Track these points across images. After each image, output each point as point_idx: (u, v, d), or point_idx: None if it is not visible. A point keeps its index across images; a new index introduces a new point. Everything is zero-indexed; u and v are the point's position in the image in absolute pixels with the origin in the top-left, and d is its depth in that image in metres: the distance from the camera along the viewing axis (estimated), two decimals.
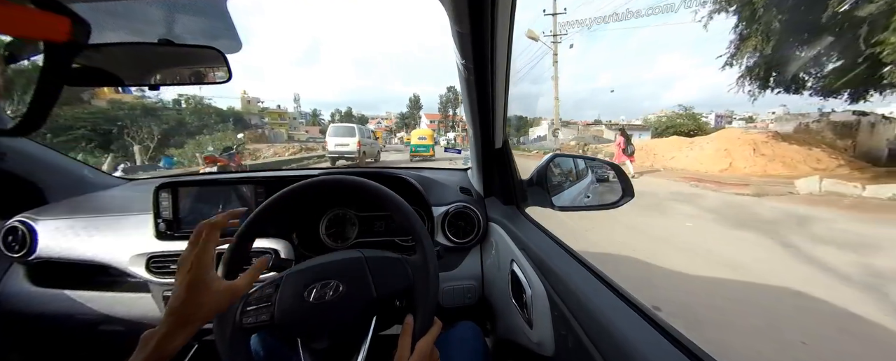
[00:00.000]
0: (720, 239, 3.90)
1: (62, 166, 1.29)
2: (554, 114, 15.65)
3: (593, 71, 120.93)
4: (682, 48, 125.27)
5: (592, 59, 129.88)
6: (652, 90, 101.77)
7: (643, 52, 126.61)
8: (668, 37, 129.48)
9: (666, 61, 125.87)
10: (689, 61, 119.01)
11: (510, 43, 0.71)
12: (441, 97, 56.72)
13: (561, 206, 1.02)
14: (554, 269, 0.70)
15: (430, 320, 0.58)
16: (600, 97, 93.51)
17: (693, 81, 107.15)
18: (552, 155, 1.10)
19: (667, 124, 21.88)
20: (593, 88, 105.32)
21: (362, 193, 0.67)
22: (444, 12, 0.61)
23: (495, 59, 0.71)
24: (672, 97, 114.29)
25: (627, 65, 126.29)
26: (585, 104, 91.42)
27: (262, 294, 0.61)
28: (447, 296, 1.09)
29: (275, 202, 0.65)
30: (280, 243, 1.04)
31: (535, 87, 33.65)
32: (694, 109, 22.90)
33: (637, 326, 0.51)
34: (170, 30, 0.82)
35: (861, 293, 2.59)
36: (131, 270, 1.03)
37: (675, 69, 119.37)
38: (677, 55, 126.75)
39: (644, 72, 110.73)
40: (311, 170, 1.29)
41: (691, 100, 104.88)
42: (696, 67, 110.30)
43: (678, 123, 21.05)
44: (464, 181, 1.28)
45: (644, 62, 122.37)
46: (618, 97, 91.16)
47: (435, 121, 57.69)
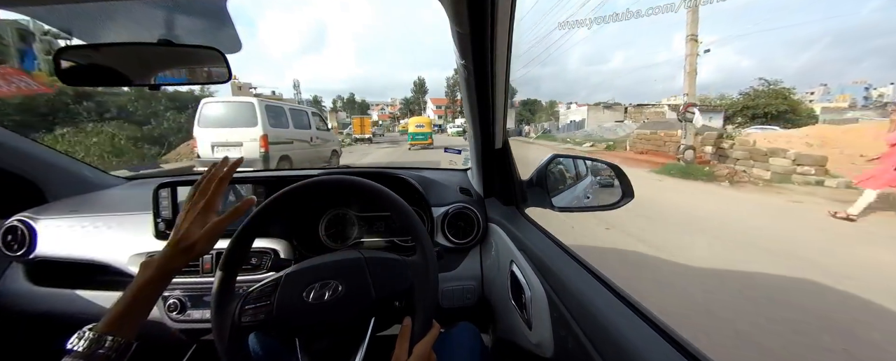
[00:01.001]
0: None
1: (62, 166, 1.29)
2: (687, 86, 9.43)
3: (606, 51, 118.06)
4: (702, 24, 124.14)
5: (604, 38, 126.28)
6: (668, 71, 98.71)
7: (657, 32, 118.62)
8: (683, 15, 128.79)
9: (681, 41, 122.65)
10: (707, 39, 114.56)
11: (510, 43, 0.71)
12: (448, 80, 51.13)
13: (561, 207, 1.02)
14: (553, 270, 0.70)
15: (428, 322, 0.58)
16: (615, 80, 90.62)
17: (710, 61, 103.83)
18: (552, 155, 1.10)
19: (745, 103, 17.74)
20: (608, 69, 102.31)
21: (362, 193, 0.67)
22: (445, 12, 0.61)
23: (495, 59, 0.71)
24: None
25: (641, 45, 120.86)
26: (599, 88, 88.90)
27: (262, 292, 0.61)
28: (446, 297, 1.08)
29: (274, 202, 0.65)
30: (280, 243, 1.04)
31: (546, 69, 32.12)
32: (779, 85, 17.67)
33: (636, 327, 0.50)
34: (170, 30, 0.82)
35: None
36: (131, 270, 1.03)
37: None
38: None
39: (660, 53, 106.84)
40: (310, 171, 1.29)
41: (710, 81, 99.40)
42: (714, 45, 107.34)
43: (759, 103, 17.01)
44: (464, 181, 1.28)
45: (660, 42, 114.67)
46: (631, 80, 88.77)
47: (442, 106, 54.74)
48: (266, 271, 0.98)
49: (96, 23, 0.82)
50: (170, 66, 0.91)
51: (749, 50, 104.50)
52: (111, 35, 0.88)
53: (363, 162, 11.84)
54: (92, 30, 0.85)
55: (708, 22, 18.00)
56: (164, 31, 0.80)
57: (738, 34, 13.89)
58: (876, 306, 2.35)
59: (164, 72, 0.91)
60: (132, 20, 0.83)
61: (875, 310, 2.32)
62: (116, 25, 0.85)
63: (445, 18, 0.62)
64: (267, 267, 0.99)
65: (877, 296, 2.43)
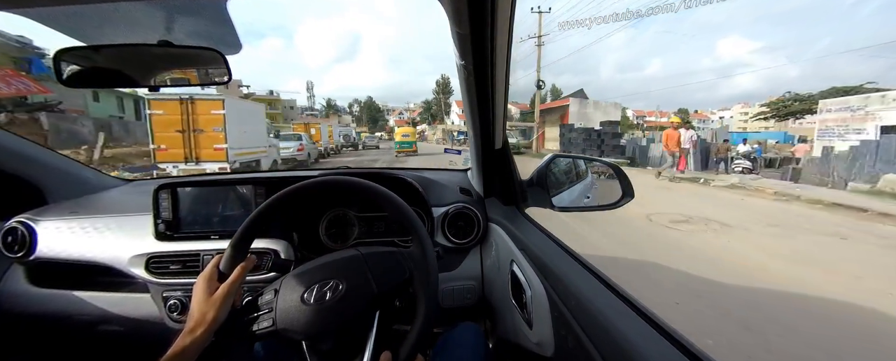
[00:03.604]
0: None
1: (62, 167, 1.29)
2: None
3: (641, 58, 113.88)
4: (743, 28, 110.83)
5: (639, 45, 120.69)
6: (709, 81, 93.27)
7: (697, 35, 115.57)
8: (727, 15, 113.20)
9: (726, 46, 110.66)
10: (751, 45, 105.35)
11: (510, 43, 0.71)
12: None
13: (561, 207, 1.02)
14: (554, 270, 0.70)
15: (433, 308, 0.58)
16: (650, 86, 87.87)
17: (759, 70, 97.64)
18: (552, 155, 1.10)
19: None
20: (642, 77, 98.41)
21: (359, 193, 0.67)
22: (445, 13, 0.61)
23: (495, 60, 0.71)
24: (731, 87, 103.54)
25: (680, 51, 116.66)
26: (635, 97, 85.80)
27: (262, 301, 0.60)
28: (447, 296, 1.09)
29: (274, 202, 0.65)
30: (280, 243, 1.04)
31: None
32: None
33: (637, 326, 0.51)
34: (170, 31, 0.82)
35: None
36: (131, 271, 1.03)
37: (736, 55, 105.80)
38: (737, 38, 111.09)
39: (701, 59, 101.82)
40: (311, 172, 1.29)
41: (756, 90, 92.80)
42: (760, 53, 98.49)
43: None
44: (464, 181, 1.28)
45: (701, 47, 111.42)
46: (668, 87, 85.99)
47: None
48: (266, 271, 0.98)
49: (96, 24, 0.82)
50: (170, 68, 0.91)
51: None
52: (111, 36, 0.88)
53: None
54: (92, 31, 0.85)
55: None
56: (163, 33, 0.80)
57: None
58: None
59: (163, 73, 0.91)
60: (132, 21, 0.83)
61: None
62: (116, 26, 0.85)
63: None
64: (267, 267, 0.99)
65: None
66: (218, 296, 0.57)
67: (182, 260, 1.02)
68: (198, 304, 0.56)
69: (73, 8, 0.73)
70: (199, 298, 0.57)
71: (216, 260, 0.62)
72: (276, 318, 0.57)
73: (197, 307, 0.56)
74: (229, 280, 0.59)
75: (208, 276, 0.59)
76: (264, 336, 0.58)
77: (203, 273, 0.60)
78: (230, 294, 0.58)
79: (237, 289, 0.60)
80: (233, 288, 0.59)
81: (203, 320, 0.55)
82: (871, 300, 2.65)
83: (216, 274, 0.60)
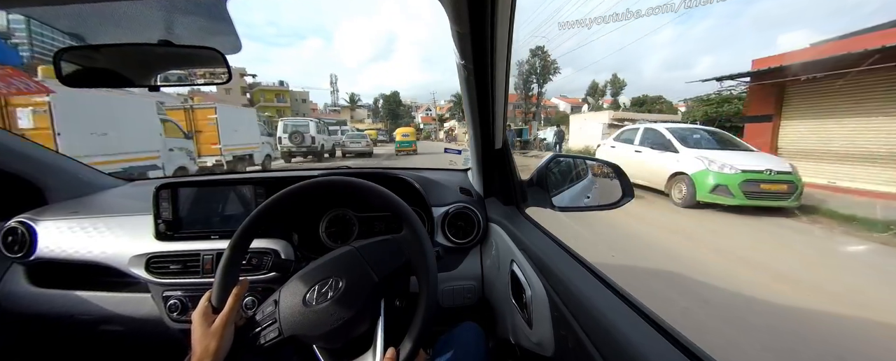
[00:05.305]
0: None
1: (62, 167, 1.29)
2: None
3: (689, 57, 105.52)
4: (810, 22, 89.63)
5: (687, 42, 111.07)
6: None
7: (758, 28, 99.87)
8: (791, 7, 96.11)
9: (788, 41, 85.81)
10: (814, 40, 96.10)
11: (510, 43, 0.71)
12: (520, 66, 31.69)
13: (561, 207, 1.02)
14: (554, 270, 0.70)
15: (433, 292, 0.58)
16: (699, 86, 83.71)
17: None
18: (552, 155, 1.10)
19: None
20: (690, 75, 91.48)
21: (357, 193, 0.67)
22: (445, 13, 0.61)
23: (495, 60, 0.71)
24: None
25: (737, 47, 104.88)
26: (679, 96, 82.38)
27: (264, 313, 0.60)
28: (447, 296, 1.09)
29: (274, 203, 0.65)
30: (280, 243, 1.04)
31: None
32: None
33: (637, 326, 0.50)
34: (170, 31, 0.82)
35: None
36: (131, 271, 1.03)
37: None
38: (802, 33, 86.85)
39: (759, 54, 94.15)
40: (311, 172, 1.30)
41: None
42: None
43: None
44: (464, 181, 1.28)
45: (762, 42, 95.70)
46: (717, 88, 79.55)
47: (509, 104, 50.25)
48: (266, 271, 0.98)
49: (96, 23, 0.82)
50: (170, 67, 0.91)
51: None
52: (111, 35, 0.88)
53: None
54: (92, 30, 0.85)
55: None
56: (163, 32, 0.80)
57: None
58: None
59: (164, 72, 0.91)
60: (132, 21, 0.83)
61: None
62: (116, 26, 0.85)
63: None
64: (267, 267, 0.99)
65: None
66: (217, 326, 0.56)
67: (182, 260, 1.02)
68: (198, 339, 0.56)
69: (73, 8, 0.73)
70: (198, 333, 0.56)
71: (207, 296, 0.60)
72: (281, 327, 0.57)
73: (198, 341, 0.55)
74: (225, 308, 0.58)
75: (202, 311, 0.58)
76: (274, 346, 0.57)
77: (197, 310, 0.59)
78: (229, 322, 0.57)
79: (235, 315, 0.59)
80: (230, 315, 0.58)
81: (206, 352, 0.54)
82: None
83: (210, 308, 0.59)
